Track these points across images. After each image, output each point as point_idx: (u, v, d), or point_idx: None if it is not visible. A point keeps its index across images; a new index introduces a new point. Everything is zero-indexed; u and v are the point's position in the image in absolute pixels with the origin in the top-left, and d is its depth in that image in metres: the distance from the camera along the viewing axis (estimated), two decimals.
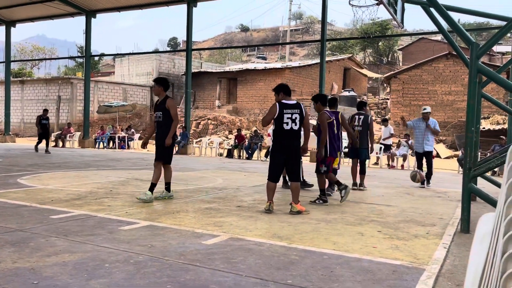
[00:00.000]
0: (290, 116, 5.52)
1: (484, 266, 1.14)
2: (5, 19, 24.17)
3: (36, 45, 57.06)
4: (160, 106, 6.25)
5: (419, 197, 7.53)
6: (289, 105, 5.58)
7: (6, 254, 3.44)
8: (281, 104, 5.59)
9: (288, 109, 5.55)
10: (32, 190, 6.81)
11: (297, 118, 5.52)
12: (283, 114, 5.52)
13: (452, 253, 3.98)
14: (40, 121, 15.83)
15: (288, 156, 5.57)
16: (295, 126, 5.53)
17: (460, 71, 22.30)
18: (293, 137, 5.55)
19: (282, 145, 5.57)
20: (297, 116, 5.52)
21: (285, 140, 5.55)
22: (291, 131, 5.53)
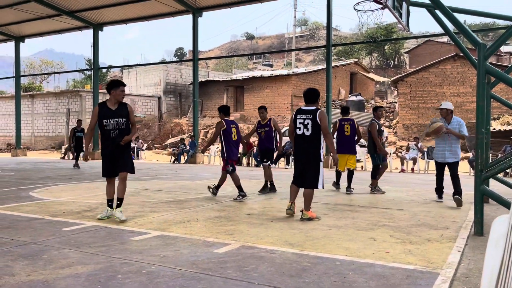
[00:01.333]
0: (302, 121, 5.61)
1: (499, 269, 1.12)
2: (14, 34, 24.57)
3: (45, 60, 57.86)
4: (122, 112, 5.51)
5: (431, 200, 7.46)
6: (304, 111, 5.68)
7: (20, 267, 3.47)
8: (296, 111, 5.79)
9: (301, 114, 5.66)
10: (44, 203, 6.87)
11: (309, 124, 5.56)
12: (296, 119, 5.67)
13: (467, 256, 3.93)
14: (74, 133, 14.90)
15: (301, 161, 5.65)
16: (307, 131, 5.57)
17: (468, 72, 22.16)
18: (305, 142, 5.59)
19: (297, 150, 5.71)
20: (309, 121, 5.56)
21: (298, 144, 5.67)
22: (302, 136, 5.60)
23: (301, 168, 5.66)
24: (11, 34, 24.45)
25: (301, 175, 5.68)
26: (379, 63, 52.64)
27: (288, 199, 5.86)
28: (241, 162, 17.72)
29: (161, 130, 31.45)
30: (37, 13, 20.91)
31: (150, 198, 7.47)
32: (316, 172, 5.60)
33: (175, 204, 6.76)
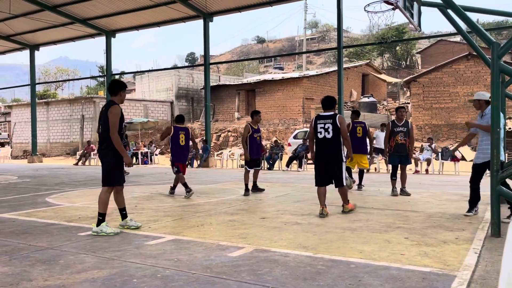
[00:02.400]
0: (323, 126, 6.08)
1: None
2: (29, 43, 25.02)
3: (60, 67, 58.77)
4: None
5: (446, 201, 7.37)
6: (323, 116, 6.15)
7: (37, 272, 3.52)
8: (316, 117, 6.27)
9: (321, 120, 6.14)
10: (60, 208, 6.97)
11: (330, 128, 6.02)
12: (317, 125, 6.14)
13: (484, 258, 3.87)
14: None
15: (323, 162, 6.10)
16: (328, 134, 6.03)
17: (481, 72, 21.87)
18: (327, 144, 6.05)
19: (319, 153, 6.14)
20: (330, 125, 6.03)
21: (320, 147, 6.11)
22: (324, 139, 6.06)
23: (325, 169, 6.10)
24: (26, 42, 24.91)
25: (326, 175, 6.10)
26: (391, 64, 52.27)
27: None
28: None
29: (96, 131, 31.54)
30: (51, 22, 21.27)
31: (164, 203, 7.52)
32: (340, 171, 6.09)
33: (189, 208, 6.79)
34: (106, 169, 5.07)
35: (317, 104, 28.30)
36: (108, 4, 19.39)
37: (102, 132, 5.05)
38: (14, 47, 25.84)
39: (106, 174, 5.08)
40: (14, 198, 8.34)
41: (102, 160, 5.10)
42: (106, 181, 5.11)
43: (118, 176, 5.15)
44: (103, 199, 5.08)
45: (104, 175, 5.11)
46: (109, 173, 5.07)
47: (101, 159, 5.14)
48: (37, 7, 19.70)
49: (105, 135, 5.00)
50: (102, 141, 5.07)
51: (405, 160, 8.32)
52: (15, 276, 3.42)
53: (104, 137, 5.02)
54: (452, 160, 14.51)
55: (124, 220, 5.27)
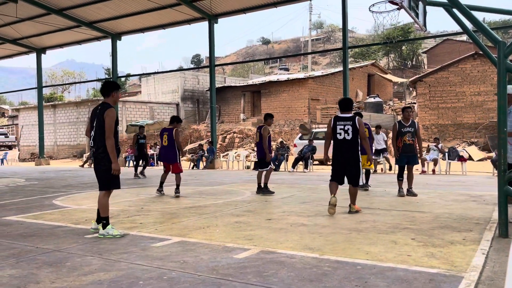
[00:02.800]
0: (343, 127, 6.26)
1: None
2: (35, 46, 25.22)
3: (66, 70, 59.21)
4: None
5: (453, 202, 7.32)
6: (343, 118, 6.33)
7: (44, 274, 3.54)
8: (335, 118, 6.42)
9: (340, 121, 6.30)
10: (67, 211, 7.01)
11: (350, 129, 6.21)
12: (336, 126, 6.30)
13: (491, 259, 3.84)
14: (137, 140, 13.84)
15: (341, 162, 6.30)
16: (347, 136, 6.22)
17: (488, 71, 21.72)
18: (346, 145, 6.25)
19: (338, 153, 6.33)
20: (350, 127, 6.21)
21: (339, 148, 6.30)
22: (344, 140, 6.25)
23: (342, 168, 6.31)
24: (33, 46, 25.11)
25: (342, 175, 6.33)
26: (396, 64, 52.07)
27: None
28: None
29: (179, 137, 31.75)
30: (57, 25, 21.44)
31: (170, 204, 7.54)
32: (358, 171, 6.30)
33: (195, 210, 6.81)
34: (104, 173, 5.00)
35: (322, 105, 28.27)
36: (114, 7, 19.50)
37: (98, 136, 4.96)
38: (21, 51, 26.06)
39: (105, 179, 5.03)
40: (21, 201, 8.40)
41: (99, 164, 5.01)
42: (105, 185, 5.06)
43: (117, 180, 5.12)
44: (103, 203, 5.05)
45: (103, 179, 5.04)
46: (107, 177, 5.01)
47: (97, 163, 5.04)
48: (44, 11, 19.86)
49: (102, 139, 4.93)
50: (99, 145, 4.97)
51: (412, 160, 8.28)
52: (22, 278, 3.45)
53: (101, 140, 4.94)
54: (459, 160, 14.42)
55: (99, 225, 5.06)
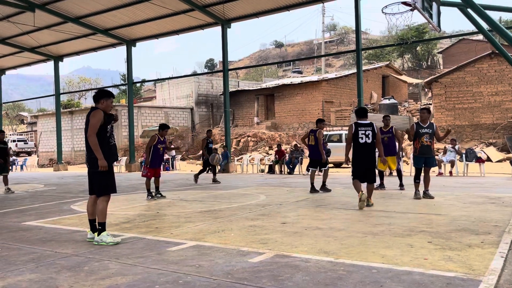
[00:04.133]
0: (364, 132, 7.09)
1: None
2: (53, 54, 25.72)
3: (83, 77, 60.16)
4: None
5: (471, 204, 7.21)
6: (364, 124, 7.14)
7: (63, 278, 3.61)
8: (356, 124, 7.17)
9: (362, 127, 7.11)
10: (84, 216, 7.08)
11: (370, 134, 7.08)
12: (358, 131, 7.08)
13: (511, 262, 3.77)
14: (207, 144, 13.16)
15: (364, 163, 7.15)
16: (368, 140, 7.07)
17: (506, 70, 21.35)
18: (368, 148, 7.10)
19: (360, 154, 7.13)
20: (370, 132, 7.08)
21: (361, 150, 7.11)
22: (365, 144, 7.09)
23: (364, 168, 7.15)
24: (50, 54, 25.61)
25: (364, 173, 7.15)
26: (411, 64, 51.54)
27: None
28: (274, 170, 17.71)
29: (194, 141, 31.93)
30: (74, 33, 21.84)
31: (185, 209, 7.60)
32: (375, 171, 7.44)
33: (210, 214, 6.84)
34: (99, 175, 4.94)
35: (336, 107, 28.14)
36: (129, 14, 19.79)
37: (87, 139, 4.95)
38: (39, 59, 26.60)
39: (101, 183, 4.98)
40: (40, 206, 8.57)
41: (93, 167, 4.94)
42: (102, 190, 5.00)
43: (113, 183, 5.08)
44: (102, 208, 4.96)
45: (99, 183, 4.98)
46: (103, 181, 4.97)
47: (91, 166, 4.98)
48: (60, 19, 20.26)
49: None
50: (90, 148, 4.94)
51: (430, 162, 8.21)
52: (42, 282, 3.52)
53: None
54: (477, 162, 14.19)
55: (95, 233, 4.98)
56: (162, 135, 9.46)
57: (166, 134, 9.58)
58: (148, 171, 9.36)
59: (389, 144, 9.69)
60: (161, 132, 9.47)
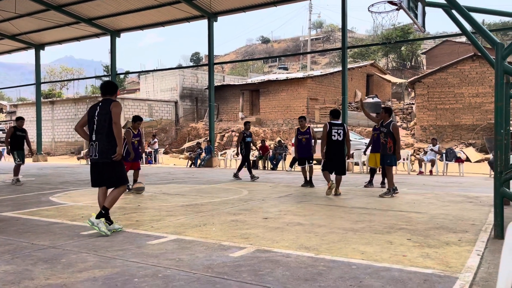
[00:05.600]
0: (337, 131, 8.33)
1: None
2: (34, 42, 25.15)
3: (65, 66, 59.04)
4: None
5: (449, 203, 7.34)
6: (336, 124, 8.42)
7: (39, 271, 3.54)
8: (330, 124, 8.38)
9: (335, 127, 8.37)
10: (63, 207, 7.00)
11: (341, 133, 8.35)
12: (332, 130, 8.32)
13: (486, 260, 3.85)
14: (244, 138, 12.09)
15: (335, 157, 8.36)
16: (339, 138, 8.34)
17: (487, 72, 21.75)
18: (339, 145, 8.39)
19: (332, 150, 8.37)
20: (341, 131, 8.36)
21: (334, 146, 8.35)
22: (337, 141, 8.35)
23: (334, 161, 8.34)
24: (32, 42, 25.04)
25: (333, 166, 8.38)
26: (395, 64, 52.11)
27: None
28: (257, 165, 17.71)
29: (178, 135, 31.72)
30: (56, 21, 21.38)
31: (167, 202, 7.54)
32: (345, 164, 8.65)
33: (192, 208, 6.80)
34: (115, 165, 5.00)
35: (321, 104, 28.28)
36: (113, 3, 19.46)
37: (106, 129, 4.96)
38: (20, 47, 25.99)
39: (119, 172, 5.06)
40: (18, 197, 8.39)
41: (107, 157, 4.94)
42: (121, 180, 5.08)
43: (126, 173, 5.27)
44: (117, 197, 5.07)
45: (117, 173, 5.03)
46: (120, 170, 5.09)
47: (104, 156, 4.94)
48: (43, 7, 19.80)
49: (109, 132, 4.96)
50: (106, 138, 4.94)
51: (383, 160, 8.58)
52: (17, 274, 3.44)
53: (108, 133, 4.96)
54: (457, 161, 14.44)
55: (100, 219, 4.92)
56: (135, 128, 9.28)
57: (139, 126, 9.39)
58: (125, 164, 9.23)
59: (379, 141, 9.77)
60: (133, 125, 9.28)
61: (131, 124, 9.62)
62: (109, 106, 4.98)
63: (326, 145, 8.36)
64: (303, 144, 10.12)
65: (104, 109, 5.00)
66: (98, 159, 4.97)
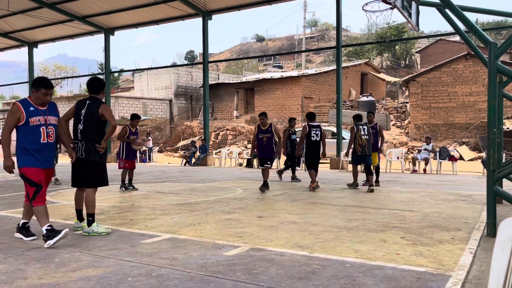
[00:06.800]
0: (315, 132, 9.11)
1: (506, 274, 1.11)
2: (27, 40, 24.95)
3: (58, 64, 58.63)
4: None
5: (443, 201, 7.38)
6: (314, 126, 9.17)
7: (32, 270, 3.52)
8: (309, 126, 9.14)
9: (313, 128, 9.13)
10: (56, 206, 6.96)
11: (318, 134, 9.13)
12: (311, 131, 9.08)
13: (479, 258, 3.88)
14: (289, 135, 11.21)
15: (314, 155, 9.20)
16: (317, 138, 9.11)
17: (480, 71, 21.87)
18: (317, 144, 9.18)
19: (311, 149, 9.15)
20: (319, 132, 9.14)
21: (312, 146, 9.13)
22: (316, 141, 9.14)
23: (314, 159, 9.17)
24: (25, 39, 24.84)
25: (313, 163, 9.16)
26: (390, 63, 52.26)
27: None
28: (252, 164, 17.71)
29: (172, 133, 31.63)
30: (50, 19, 21.21)
31: (161, 201, 7.52)
32: (319, 161, 9.40)
33: (186, 207, 6.79)
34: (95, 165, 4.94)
35: (315, 103, 28.31)
36: (107, 1, 19.33)
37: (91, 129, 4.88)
38: (13, 44, 25.76)
39: (96, 173, 4.97)
40: (11, 196, 8.33)
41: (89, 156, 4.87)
42: (96, 182, 4.99)
43: (106, 175, 5.19)
44: (92, 199, 4.93)
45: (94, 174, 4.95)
46: (99, 171, 5.00)
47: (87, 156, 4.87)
48: (36, 4, 19.63)
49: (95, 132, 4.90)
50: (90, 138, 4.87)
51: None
52: (10, 274, 3.42)
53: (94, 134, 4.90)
54: (450, 160, 14.53)
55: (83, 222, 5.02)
56: (133, 126, 9.28)
57: (137, 124, 9.39)
58: (126, 162, 9.26)
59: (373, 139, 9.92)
60: (132, 123, 9.28)
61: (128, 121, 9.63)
62: (97, 108, 4.88)
63: (306, 145, 9.16)
64: (264, 144, 9.02)
65: (91, 110, 4.89)
66: (85, 158, 4.89)
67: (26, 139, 4.41)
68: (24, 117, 4.39)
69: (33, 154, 4.43)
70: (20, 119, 4.40)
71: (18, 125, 4.44)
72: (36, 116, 4.44)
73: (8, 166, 4.46)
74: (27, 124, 4.40)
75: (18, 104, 4.46)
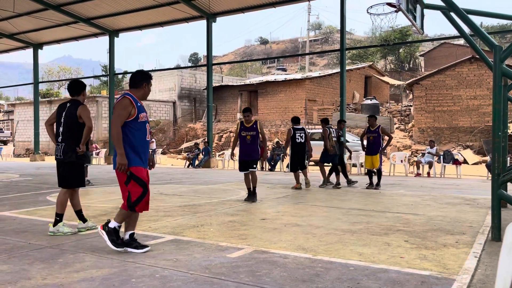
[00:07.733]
0: (300, 134, 9.80)
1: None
2: (32, 42, 25.09)
3: (63, 66, 58.95)
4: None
5: (447, 205, 7.35)
6: (299, 129, 9.89)
7: (36, 270, 3.53)
8: (294, 129, 9.83)
9: (298, 131, 9.83)
10: None
11: (303, 136, 9.83)
12: (296, 133, 9.77)
13: (484, 262, 3.85)
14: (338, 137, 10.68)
15: (300, 156, 9.87)
16: (302, 140, 9.81)
17: (485, 75, 21.81)
18: (302, 146, 9.85)
19: (296, 150, 9.87)
20: (303, 134, 9.85)
21: (298, 147, 9.83)
22: (300, 143, 9.82)
23: (299, 160, 9.86)
24: (30, 41, 24.98)
25: (300, 164, 9.88)
26: (394, 66, 52.19)
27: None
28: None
29: (176, 135, 31.69)
30: (55, 21, 21.33)
31: (165, 203, 7.53)
32: (305, 160, 10.15)
33: (189, 209, 6.80)
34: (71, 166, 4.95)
35: (319, 106, 28.31)
36: (112, 3, 19.42)
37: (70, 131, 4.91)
38: (18, 46, 25.90)
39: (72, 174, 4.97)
40: (15, 196, 8.36)
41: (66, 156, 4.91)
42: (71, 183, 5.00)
43: (83, 176, 5.18)
44: (64, 200, 4.98)
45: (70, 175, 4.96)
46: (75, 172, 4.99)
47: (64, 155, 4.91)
48: (41, 6, 19.75)
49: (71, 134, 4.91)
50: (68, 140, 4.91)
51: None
52: (14, 274, 3.43)
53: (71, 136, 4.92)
54: (454, 163, 14.47)
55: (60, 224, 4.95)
56: None
57: None
58: None
59: (374, 142, 10.00)
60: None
61: None
62: (76, 110, 4.91)
63: (291, 147, 9.84)
64: (247, 143, 7.89)
65: (71, 112, 4.93)
66: (63, 159, 4.92)
67: (135, 136, 4.09)
68: (136, 112, 4.06)
69: (139, 153, 4.12)
70: (131, 114, 4.04)
71: (125, 121, 4.06)
72: (143, 112, 4.16)
73: (124, 164, 4.05)
74: (137, 120, 4.08)
75: (130, 98, 4.09)
